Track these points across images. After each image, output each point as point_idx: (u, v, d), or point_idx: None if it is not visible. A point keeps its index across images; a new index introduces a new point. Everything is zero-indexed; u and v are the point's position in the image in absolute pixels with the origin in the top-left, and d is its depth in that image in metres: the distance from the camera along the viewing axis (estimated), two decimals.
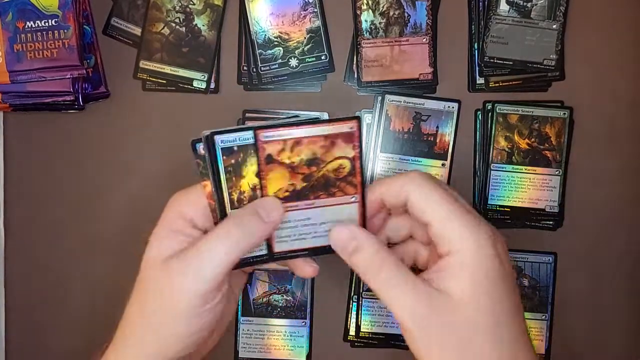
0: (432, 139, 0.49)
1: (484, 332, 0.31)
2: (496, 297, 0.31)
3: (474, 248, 0.31)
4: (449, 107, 0.49)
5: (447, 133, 0.49)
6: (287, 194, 0.35)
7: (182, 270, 0.33)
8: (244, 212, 0.34)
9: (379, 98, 0.49)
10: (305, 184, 0.35)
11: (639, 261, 0.50)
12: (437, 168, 0.49)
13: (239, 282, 0.40)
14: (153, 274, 0.34)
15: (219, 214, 0.35)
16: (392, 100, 0.49)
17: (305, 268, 0.37)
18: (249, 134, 0.34)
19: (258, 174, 0.34)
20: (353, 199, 0.35)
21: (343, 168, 0.35)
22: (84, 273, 0.51)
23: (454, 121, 0.49)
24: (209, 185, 0.35)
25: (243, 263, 0.36)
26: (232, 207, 0.35)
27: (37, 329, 0.52)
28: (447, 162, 0.49)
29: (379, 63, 0.49)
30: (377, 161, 0.49)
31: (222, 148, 0.34)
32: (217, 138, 0.34)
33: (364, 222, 0.36)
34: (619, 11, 0.50)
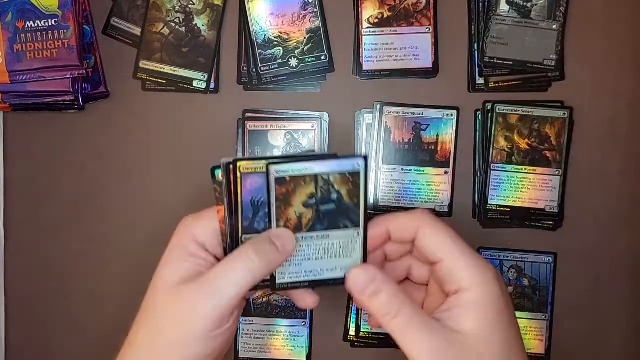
0: (433, 147, 0.49)
1: None
2: (505, 330, 0.33)
3: (483, 286, 0.33)
4: (447, 114, 0.49)
5: (448, 141, 0.49)
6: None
7: (200, 293, 0.33)
8: (261, 240, 0.35)
9: (378, 107, 0.49)
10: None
11: (639, 261, 0.50)
12: (440, 176, 0.49)
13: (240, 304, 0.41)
14: (167, 297, 0.34)
15: (229, 241, 0.36)
16: (391, 112, 0.49)
17: (307, 299, 0.38)
18: (302, 166, 0.35)
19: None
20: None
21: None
22: (84, 273, 0.51)
23: (454, 128, 0.49)
24: (222, 210, 0.36)
25: (279, 287, 0.37)
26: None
27: (37, 329, 0.52)
28: (450, 170, 0.49)
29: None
30: (380, 173, 0.49)
31: (276, 178, 0.35)
32: (272, 168, 0.35)
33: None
34: (620, 11, 0.50)
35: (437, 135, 0.49)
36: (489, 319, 0.33)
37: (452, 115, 0.49)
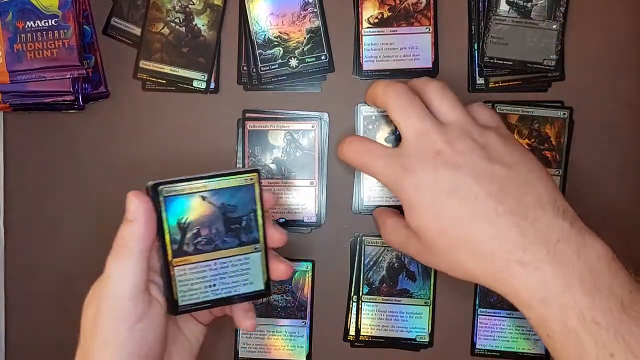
0: None
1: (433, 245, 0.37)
2: (399, 176, 0.37)
3: (405, 136, 0.37)
4: None
5: None
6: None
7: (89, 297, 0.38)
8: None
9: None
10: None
11: (639, 261, 0.50)
12: None
13: (193, 329, 0.41)
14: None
15: (162, 266, 0.37)
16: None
17: (244, 321, 0.40)
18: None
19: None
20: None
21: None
22: (84, 273, 0.51)
23: None
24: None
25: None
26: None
27: (37, 329, 0.52)
28: None
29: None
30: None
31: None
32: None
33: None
34: (619, 11, 0.50)
35: None
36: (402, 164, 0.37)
37: None
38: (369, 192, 0.49)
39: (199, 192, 0.37)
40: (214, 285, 0.38)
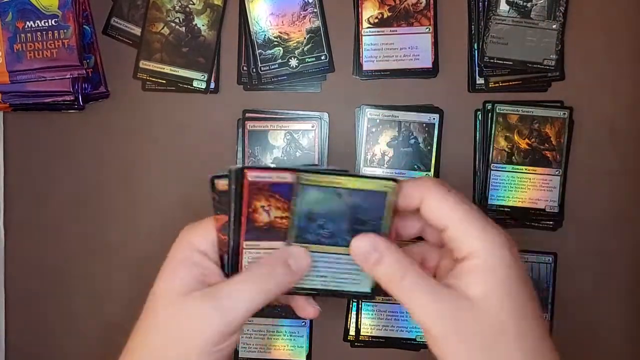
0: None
1: (509, 333, 0.31)
2: (519, 299, 0.31)
3: (491, 252, 0.31)
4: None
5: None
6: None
7: (211, 307, 0.32)
8: (275, 260, 0.34)
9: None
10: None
11: (639, 261, 0.50)
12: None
13: None
14: (171, 309, 0.33)
15: (231, 250, 0.36)
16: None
17: (307, 308, 0.38)
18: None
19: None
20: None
21: None
22: (84, 273, 0.51)
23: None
24: (222, 219, 0.35)
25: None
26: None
27: (37, 329, 0.52)
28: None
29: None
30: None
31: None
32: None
33: None
34: (619, 11, 0.50)
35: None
36: (498, 285, 0.31)
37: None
38: None
39: (335, 187, 0.36)
40: (325, 276, 0.37)
